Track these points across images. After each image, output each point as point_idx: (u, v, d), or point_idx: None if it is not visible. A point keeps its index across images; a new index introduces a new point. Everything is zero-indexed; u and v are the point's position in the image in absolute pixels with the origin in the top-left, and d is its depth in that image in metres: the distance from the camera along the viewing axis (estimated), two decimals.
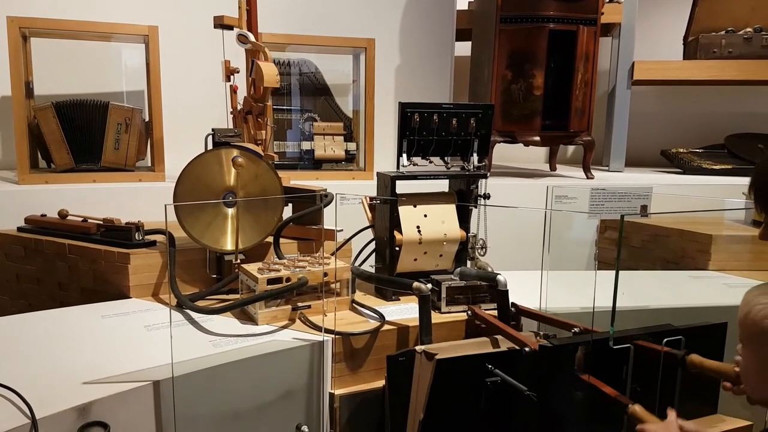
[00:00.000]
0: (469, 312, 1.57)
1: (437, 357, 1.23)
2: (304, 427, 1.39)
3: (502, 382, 1.25)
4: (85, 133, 2.41)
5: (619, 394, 1.20)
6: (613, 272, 1.14)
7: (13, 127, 2.29)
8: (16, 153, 2.29)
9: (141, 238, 1.78)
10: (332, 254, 1.73)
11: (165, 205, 1.22)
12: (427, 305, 1.45)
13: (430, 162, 1.74)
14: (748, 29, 3.41)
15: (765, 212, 1.05)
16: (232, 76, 2.00)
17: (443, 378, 1.23)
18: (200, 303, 1.63)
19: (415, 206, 1.71)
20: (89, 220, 1.87)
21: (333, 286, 1.61)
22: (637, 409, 1.14)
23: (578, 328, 1.37)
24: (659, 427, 1.06)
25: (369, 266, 1.81)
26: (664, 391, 1.31)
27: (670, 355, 1.30)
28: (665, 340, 1.31)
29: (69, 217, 1.92)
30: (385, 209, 1.69)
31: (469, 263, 1.78)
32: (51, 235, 1.86)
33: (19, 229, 1.94)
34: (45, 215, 1.97)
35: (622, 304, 1.18)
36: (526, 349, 1.27)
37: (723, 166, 3.38)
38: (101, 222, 1.85)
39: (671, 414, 1.08)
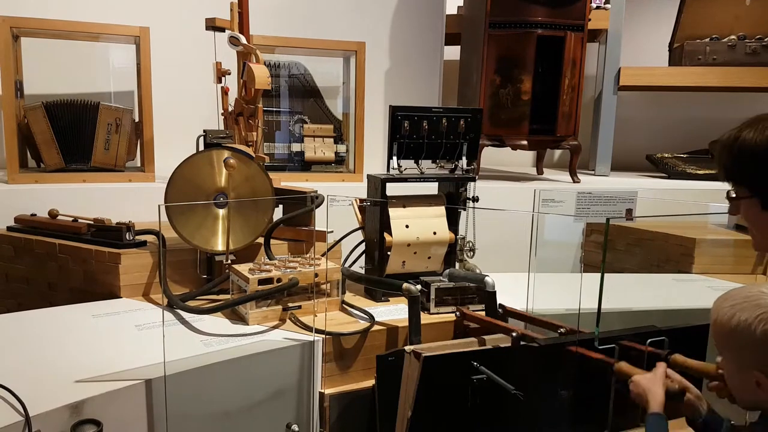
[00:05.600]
0: (458, 313, 1.60)
1: (424, 354, 1.24)
2: (294, 426, 1.41)
3: (488, 380, 1.27)
4: (75, 134, 2.40)
5: (604, 356, 1.24)
6: (599, 274, 1.17)
7: (3, 127, 2.28)
8: (5, 152, 2.28)
9: (132, 238, 1.79)
10: (323, 255, 1.74)
11: (159, 206, 1.24)
12: (416, 306, 1.48)
13: (420, 167, 1.76)
14: (732, 37, 3.46)
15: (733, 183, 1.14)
16: (223, 78, 2.01)
17: (430, 375, 1.25)
18: (191, 303, 1.64)
19: (404, 208, 1.73)
20: (80, 220, 1.87)
21: (323, 286, 1.62)
22: (622, 365, 1.20)
23: (564, 329, 1.40)
24: (647, 376, 1.12)
25: (359, 267, 1.82)
26: None
27: (654, 354, 1.33)
28: (649, 340, 1.34)
29: (59, 217, 1.92)
30: (375, 211, 1.71)
31: (457, 265, 1.80)
32: (41, 235, 1.86)
33: (9, 229, 1.94)
34: (35, 215, 1.96)
35: (607, 305, 1.20)
36: (514, 333, 1.30)
37: (707, 171, 3.43)
38: (92, 222, 1.85)
39: (661, 365, 1.13)
